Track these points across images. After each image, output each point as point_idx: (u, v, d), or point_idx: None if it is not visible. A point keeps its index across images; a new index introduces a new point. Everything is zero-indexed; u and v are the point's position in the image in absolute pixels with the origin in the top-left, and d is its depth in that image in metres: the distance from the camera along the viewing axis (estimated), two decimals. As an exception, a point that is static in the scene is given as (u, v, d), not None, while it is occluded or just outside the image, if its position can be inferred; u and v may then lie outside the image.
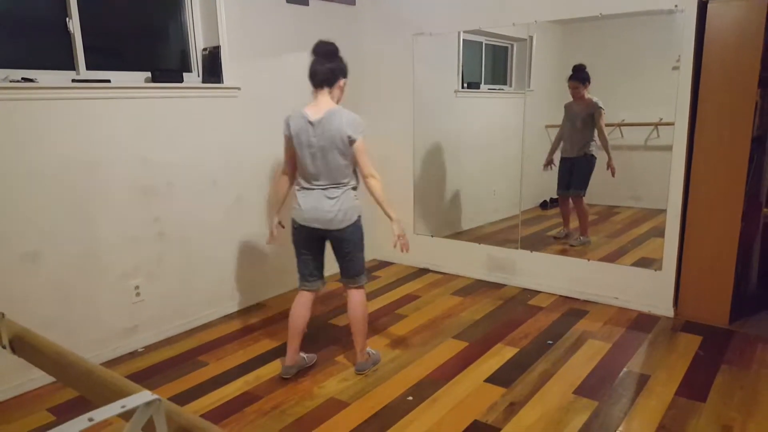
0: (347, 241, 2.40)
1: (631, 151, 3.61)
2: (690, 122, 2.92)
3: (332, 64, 2.32)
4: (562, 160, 3.72)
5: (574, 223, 3.88)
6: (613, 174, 3.56)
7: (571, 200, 3.77)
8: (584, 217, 3.78)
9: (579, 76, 3.51)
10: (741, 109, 2.76)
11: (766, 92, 3.06)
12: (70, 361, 0.76)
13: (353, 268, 2.46)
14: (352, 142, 2.29)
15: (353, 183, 2.41)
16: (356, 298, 2.50)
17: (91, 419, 0.53)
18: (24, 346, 0.85)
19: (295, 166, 2.44)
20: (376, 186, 2.37)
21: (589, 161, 3.61)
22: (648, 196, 3.24)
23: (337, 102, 2.38)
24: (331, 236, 2.41)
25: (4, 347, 0.88)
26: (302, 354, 2.61)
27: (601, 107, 3.50)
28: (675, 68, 2.91)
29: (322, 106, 2.31)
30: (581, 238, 3.72)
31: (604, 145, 3.54)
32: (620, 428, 2.07)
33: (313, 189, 2.36)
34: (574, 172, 3.69)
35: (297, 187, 2.43)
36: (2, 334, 0.87)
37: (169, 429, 0.58)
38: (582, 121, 3.58)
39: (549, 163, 3.74)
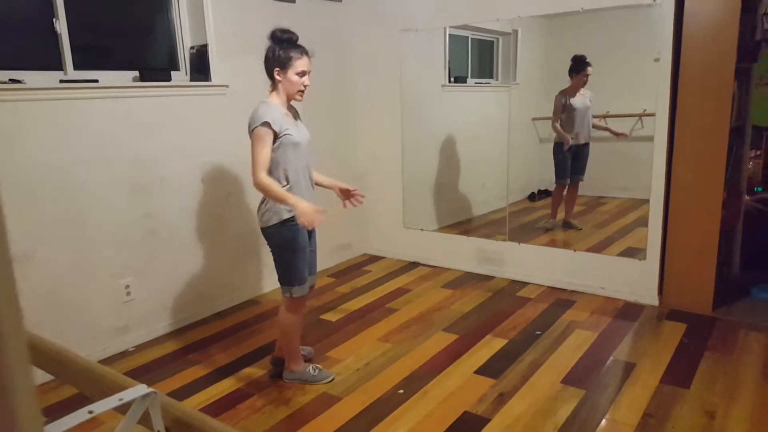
0: (268, 243, 2.30)
1: (617, 141, 3.67)
2: (670, 113, 2.98)
3: (267, 53, 2.18)
4: (573, 148, 3.74)
5: (559, 214, 3.94)
6: (622, 135, 3.61)
7: (569, 187, 3.84)
8: (575, 202, 3.88)
9: (589, 63, 3.56)
10: (719, 100, 2.82)
11: (743, 83, 3.13)
12: (68, 358, 0.78)
13: (277, 272, 2.32)
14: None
15: (279, 183, 2.20)
16: (280, 308, 2.40)
17: (90, 412, 0.55)
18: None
19: None
20: (262, 187, 2.15)
21: (589, 147, 3.71)
22: (634, 186, 3.29)
23: (289, 95, 2.23)
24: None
25: None
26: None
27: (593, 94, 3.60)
28: (656, 60, 2.97)
29: None
30: (572, 221, 3.82)
31: (602, 127, 3.62)
32: (607, 416, 2.12)
33: None
34: (581, 158, 3.75)
35: None
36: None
37: (165, 420, 0.60)
38: (589, 108, 3.66)
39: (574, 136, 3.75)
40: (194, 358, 2.72)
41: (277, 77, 2.20)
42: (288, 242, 2.25)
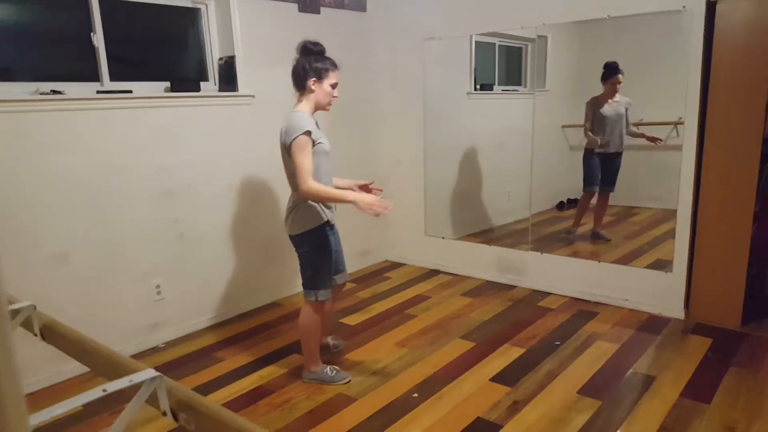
0: (297, 249, 2.38)
1: (651, 150, 3.62)
2: (700, 122, 2.93)
3: (302, 63, 2.25)
4: (606, 157, 3.69)
5: (584, 226, 3.89)
6: (656, 140, 3.56)
7: (598, 197, 3.79)
8: (604, 213, 3.82)
9: (621, 70, 3.53)
10: (751, 109, 2.76)
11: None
12: (91, 347, 0.86)
13: (304, 277, 2.40)
14: (288, 148, 2.21)
15: None
16: (301, 311, 2.48)
17: (104, 390, 0.62)
18: (52, 334, 0.95)
19: None
20: (312, 194, 2.20)
21: (620, 158, 3.66)
22: (668, 196, 3.22)
23: (319, 104, 2.31)
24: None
25: (35, 335, 0.98)
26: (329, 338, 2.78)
27: (630, 101, 3.55)
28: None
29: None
30: (601, 232, 3.78)
31: (637, 134, 3.58)
32: (622, 428, 2.10)
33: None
34: (611, 168, 3.69)
35: None
36: (34, 324, 0.98)
37: (170, 401, 0.67)
38: (623, 116, 3.62)
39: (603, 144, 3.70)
40: (220, 355, 2.82)
41: (312, 87, 2.27)
42: (320, 246, 2.32)
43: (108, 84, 2.76)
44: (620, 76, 3.53)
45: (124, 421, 0.65)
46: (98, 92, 2.68)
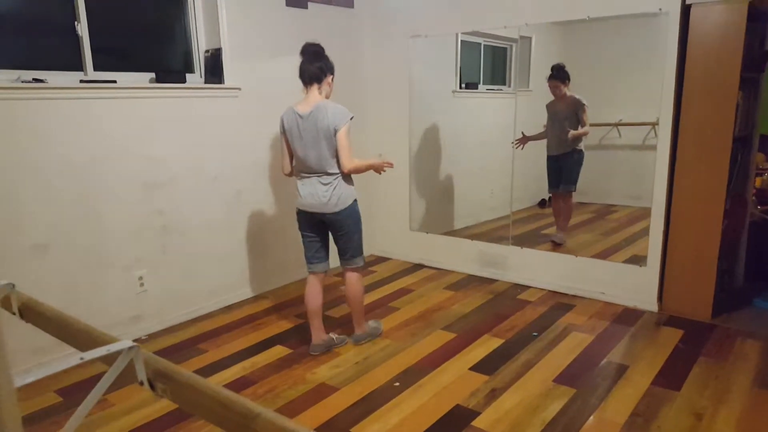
0: (343, 224, 2.60)
1: (629, 150, 3.70)
2: (674, 122, 3.01)
3: (320, 63, 2.52)
4: (549, 158, 3.81)
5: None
6: (571, 137, 3.64)
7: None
8: (569, 215, 3.86)
9: (559, 75, 3.61)
10: (723, 110, 2.84)
11: (748, 93, 3.14)
12: (69, 322, 0.88)
13: (349, 250, 2.67)
14: (335, 132, 2.47)
15: None
16: (352, 279, 2.73)
17: (82, 358, 0.65)
18: (31, 312, 0.97)
19: (291, 162, 2.64)
20: (355, 169, 2.56)
21: (578, 157, 3.70)
22: (645, 195, 3.30)
23: (326, 97, 2.57)
24: (328, 220, 2.60)
25: (14, 314, 1.01)
26: (331, 334, 2.82)
27: (584, 103, 3.59)
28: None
29: (311, 101, 2.52)
30: (559, 235, 3.80)
31: (583, 134, 3.64)
32: (595, 414, 2.17)
33: (310, 177, 2.57)
34: (564, 169, 3.77)
35: (297, 178, 2.64)
36: (13, 303, 1.00)
37: (147, 371, 0.70)
38: (566, 119, 3.67)
39: (524, 141, 3.74)
40: (203, 347, 2.84)
41: (330, 82, 2.59)
42: (359, 216, 2.67)
43: (92, 74, 2.75)
44: (553, 81, 3.59)
45: (101, 390, 0.68)
46: (81, 82, 2.67)
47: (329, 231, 2.68)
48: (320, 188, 2.55)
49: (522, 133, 3.73)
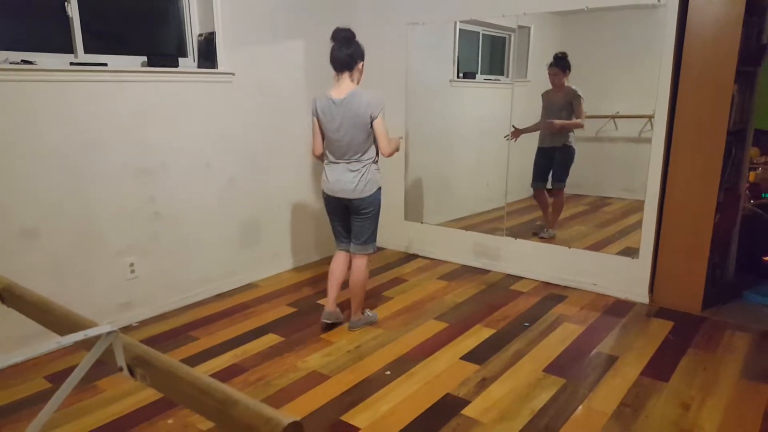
0: (364, 209, 2.69)
1: (625, 143, 3.68)
2: (669, 115, 3.00)
3: (350, 50, 2.54)
4: (540, 150, 3.78)
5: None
6: (551, 128, 3.62)
7: (547, 192, 3.82)
8: (560, 210, 3.84)
9: (561, 63, 3.57)
10: (718, 103, 2.84)
11: (744, 87, 3.13)
12: (50, 307, 0.87)
13: (364, 235, 2.74)
14: (372, 119, 2.54)
15: (374, 157, 2.68)
16: (359, 264, 2.80)
17: (58, 342, 0.64)
18: (12, 296, 0.96)
19: (323, 144, 2.71)
20: (392, 152, 2.65)
21: (569, 152, 3.68)
22: (640, 187, 3.30)
23: (357, 83, 2.62)
24: (352, 204, 2.69)
25: (-5, 298, 0.99)
26: (338, 310, 2.92)
27: (580, 95, 3.57)
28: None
29: (344, 87, 2.57)
30: (549, 230, 3.79)
31: (576, 126, 3.60)
32: (584, 403, 2.18)
33: (339, 163, 2.66)
34: (555, 163, 3.76)
35: (325, 161, 2.72)
36: (-6, 287, 0.98)
37: (126, 357, 0.69)
38: (561, 110, 3.64)
39: (517, 134, 3.71)
40: (194, 334, 2.83)
41: (361, 69, 2.61)
42: (380, 205, 2.74)
43: (82, 56, 2.71)
44: (553, 69, 3.55)
45: (78, 375, 0.67)
46: (72, 64, 2.63)
47: (351, 215, 2.76)
48: (348, 175, 2.63)
49: (513, 126, 3.71)
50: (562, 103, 3.63)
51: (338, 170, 2.65)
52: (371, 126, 2.57)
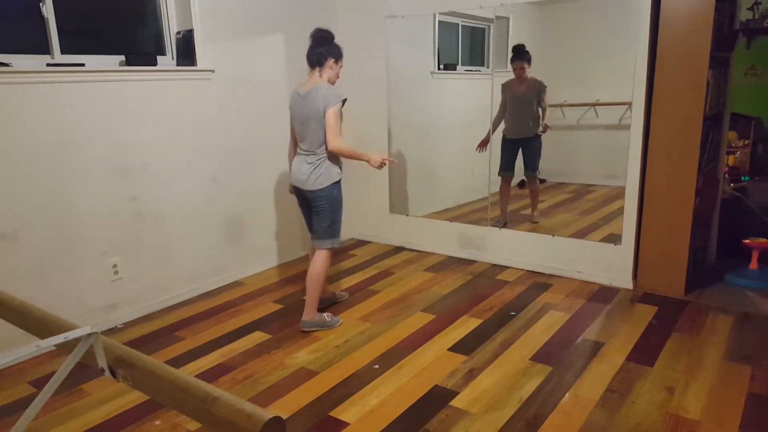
0: (317, 203, 2.70)
1: (606, 130, 3.72)
2: (647, 101, 3.04)
3: (322, 48, 2.65)
4: (508, 141, 3.81)
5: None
6: (544, 131, 3.69)
7: (522, 182, 3.87)
8: (537, 195, 3.92)
9: (524, 56, 3.61)
10: (693, 89, 2.88)
11: (720, 72, 3.18)
12: (30, 311, 0.86)
13: (320, 228, 2.74)
14: (325, 112, 2.57)
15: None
16: (317, 258, 2.77)
17: (38, 346, 0.63)
18: (-11, 302, 0.94)
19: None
20: (340, 150, 2.62)
21: (539, 140, 3.73)
22: (622, 174, 3.35)
23: (331, 80, 2.69)
24: (307, 196, 2.73)
25: (-29, 304, 0.97)
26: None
27: (545, 85, 3.62)
28: None
29: (311, 82, 2.65)
30: (535, 214, 3.85)
31: (544, 115, 3.67)
32: (570, 390, 2.21)
33: (300, 155, 2.72)
34: (525, 152, 3.80)
35: (295, 154, 2.79)
36: (-30, 293, 0.96)
37: (107, 358, 0.68)
38: (529, 101, 3.68)
39: (485, 144, 3.79)
40: (180, 335, 2.81)
41: (332, 65, 2.68)
42: (338, 200, 2.73)
43: (59, 57, 2.66)
44: (519, 63, 3.59)
45: (59, 379, 0.66)
46: (48, 65, 2.58)
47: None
48: (304, 166, 2.68)
49: (479, 145, 3.77)
50: (529, 95, 3.66)
51: (299, 161, 2.71)
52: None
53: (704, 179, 3.23)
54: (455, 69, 4.26)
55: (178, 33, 3.16)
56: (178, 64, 3.16)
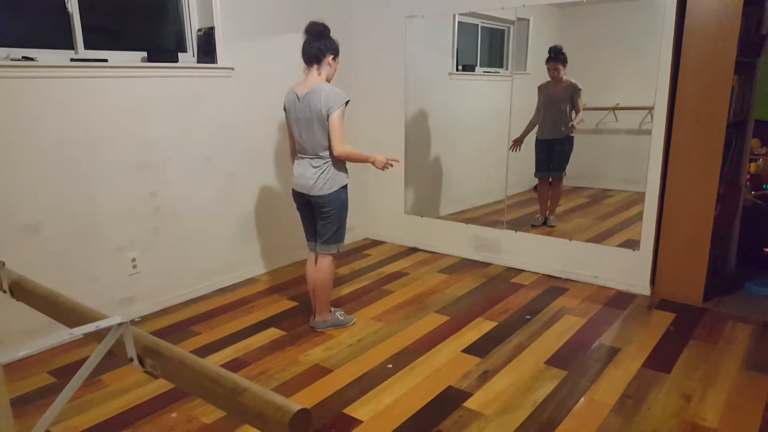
0: (324, 208, 2.61)
1: (626, 135, 3.68)
2: (669, 107, 3.00)
3: (319, 43, 2.50)
4: (541, 142, 3.78)
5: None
6: (574, 125, 3.66)
7: (549, 184, 3.85)
8: (558, 198, 3.87)
9: (560, 57, 3.57)
10: (718, 95, 2.83)
11: (744, 78, 3.13)
12: (60, 300, 0.88)
13: (326, 234, 2.66)
14: (328, 115, 2.47)
15: None
16: (322, 264, 2.72)
17: (70, 333, 0.65)
18: (21, 290, 0.97)
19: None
20: (346, 155, 2.54)
21: (571, 142, 3.69)
22: (641, 179, 3.30)
23: (328, 78, 2.56)
24: (313, 202, 2.63)
25: (4, 292, 1.00)
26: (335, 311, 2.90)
27: (580, 88, 3.57)
28: None
29: (310, 82, 2.52)
30: (550, 217, 3.82)
31: (576, 117, 3.65)
32: (586, 395, 2.19)
33: (303, 159, 2.61)
34: (555, 154, 3.77)
35: (296, 157, 2.67)
36: (3, 281, 0.99)
37: (136, 348, 0.69)
38: (564, 103, 3.65)
39: (518, 144, 3.76)
40: (196, 329, 2.84)
41: (331, 62, 2.55)
42: (345, 204, 2.66)
43: (82, 52, 2.71)
44: (554, 63, 3.55)
45: (90, 366, 0.67)
46: (72, 60, 2.62)
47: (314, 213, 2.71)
48: (310, 170, 2.58)
49: (513, 141, 3.72)
50: (563, 97, 3.63)
51: (302, 165, 2.60)
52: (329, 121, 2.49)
53: (726, 187, 3.18)
54: (474, 70, 4.24)
55: (199, 30, 3.19)
56: (198, 62, 3.19)
